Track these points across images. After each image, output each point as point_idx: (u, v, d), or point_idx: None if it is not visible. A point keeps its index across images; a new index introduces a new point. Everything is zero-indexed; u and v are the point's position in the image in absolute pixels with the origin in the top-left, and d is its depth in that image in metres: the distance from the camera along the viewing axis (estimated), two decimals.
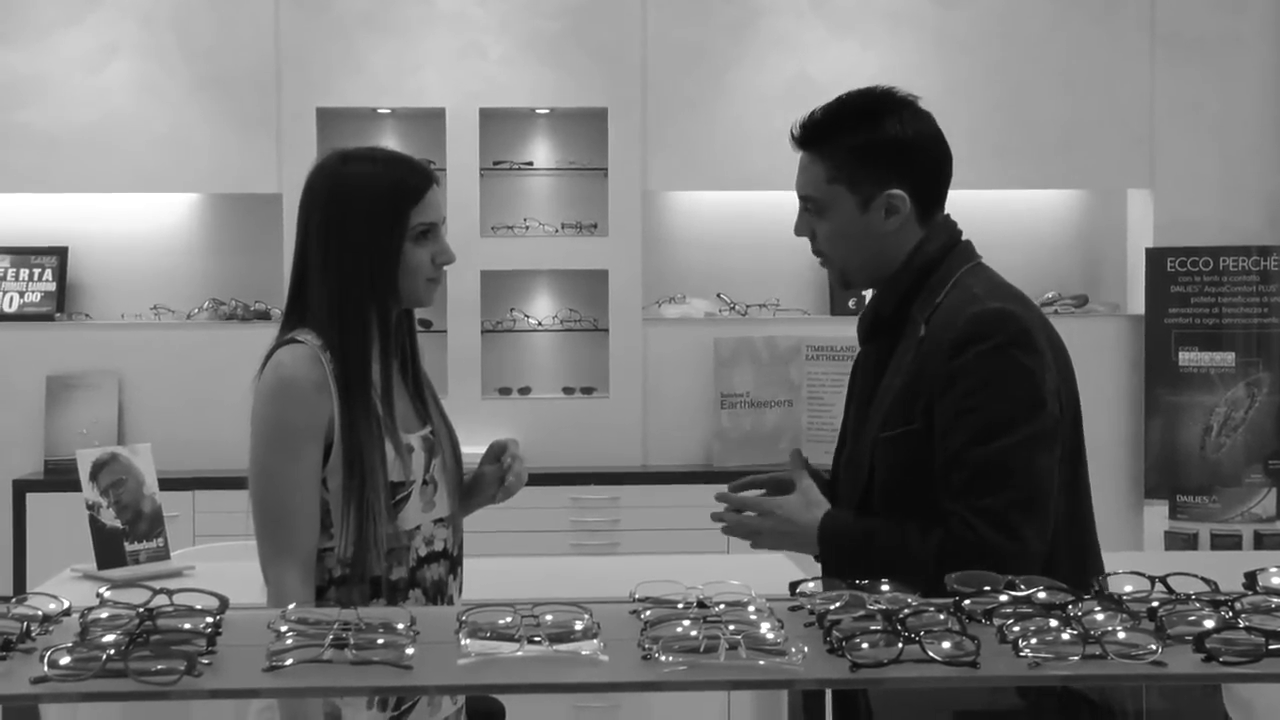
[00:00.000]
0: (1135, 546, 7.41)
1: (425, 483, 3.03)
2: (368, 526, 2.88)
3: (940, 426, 2.64)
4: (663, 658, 1.87)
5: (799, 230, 2.92)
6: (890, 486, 2.73)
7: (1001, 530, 2.56)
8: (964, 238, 2.88)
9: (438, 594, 3.03)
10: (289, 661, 1.84)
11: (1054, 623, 1.94)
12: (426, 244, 2.99)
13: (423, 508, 3.01)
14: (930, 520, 2.65)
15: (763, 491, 3.01)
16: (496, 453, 3.22)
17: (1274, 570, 2.18)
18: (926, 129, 2.84)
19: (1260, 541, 7.30)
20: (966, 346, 2.64)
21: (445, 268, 3.07)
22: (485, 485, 3.21)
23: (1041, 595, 2.09)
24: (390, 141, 7.51)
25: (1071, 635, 1.90)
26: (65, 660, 1.79)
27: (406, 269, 2.97)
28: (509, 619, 1.94)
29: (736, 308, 7.75)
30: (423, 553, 3.01)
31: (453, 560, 3.10)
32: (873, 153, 2.80)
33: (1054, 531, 2.67)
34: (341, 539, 2.90)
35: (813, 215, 2.87)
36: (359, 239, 2.94)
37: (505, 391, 7.70)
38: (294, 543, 2.90)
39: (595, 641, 1.91)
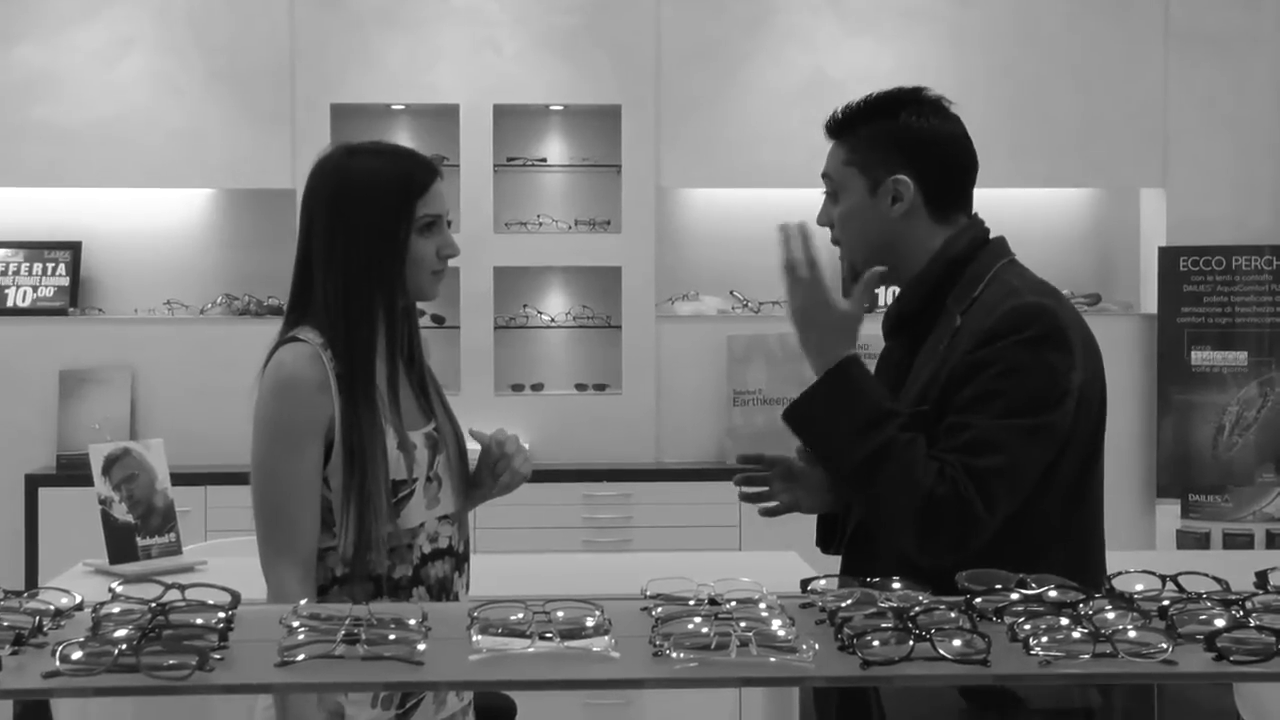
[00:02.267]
0: (1147, 545, 7.40)
1: (429, 480, 3.01)
2: (369, 525, 2.87)
3: (958, 405, 2.65)
4: (674, 654, 1.87)
5: (821, 219, 2.95)
6: None
7: (982, 493, 2.59)
8: (994, 235, 2.90)
9: (442, 592, 3.02)
10: (301, 657, 1.84)
11: (1065, 621, 1.93)
12: (432, 236, 2.99)
13: (426, 505, 3.00)
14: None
15: None
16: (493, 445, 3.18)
17: None
18: (944, 126, 2.87)
19: (1272, 541, 7.30)
20: (1001, 337, 2.66)
21: (454, 262, 3.06)
22: (483, 479, 3.18)
23: (1052, 594, 2.09)
24: (404, 137, 7.51)
25: (1082, 634, 1.90)
26: (77, 655, 1.79)
27: (412, 261, 2.96)
28: (520, 615, 1.94)
29: (750, 305, 7.74)
30: (426, 550, 3.00)
31: (458, 557, 3.09)
32: (884, 137, 2.84)
33: (1048, 522, 2.70)
34: (343, 538, 2.89)
35: (831, 201, 2.92)
36: (366, 232, 2.93)
37: (518, 388, 7.71)
38: (295, 543, 2.89)
39: (606, 638, 1.91)
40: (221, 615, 1.96)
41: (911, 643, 1.87)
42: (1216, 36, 7.82)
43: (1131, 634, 1.91)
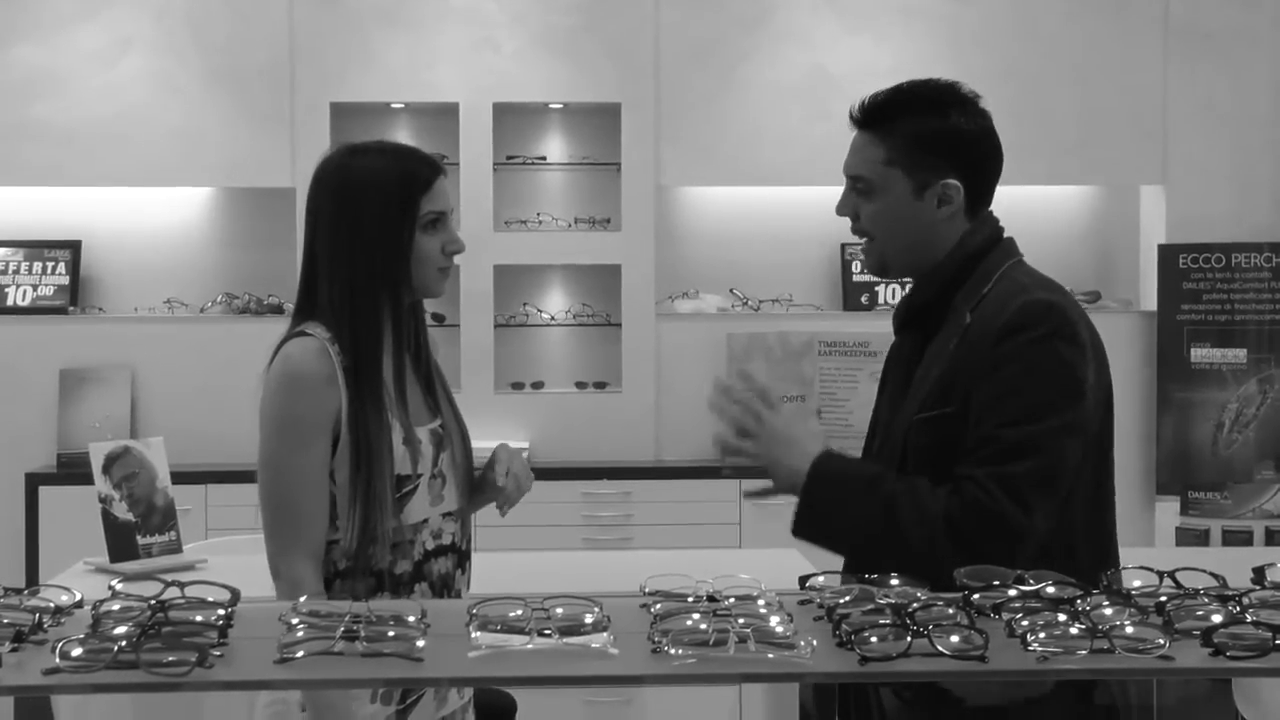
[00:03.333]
0: (1147, 542, 7.40)
1: (434, 476, 3.02)
2: (374, 519, 2.88)
3: (977, 408, 2.64)
4: (672, 651, 1.87)
5: (841, 209, 2.90)
6: (922, 468, 2.72)
7: (1014, 498, 2.56)
8: (1006, 235, 2.90)
9: (444, 588, 3.02)
10: (300, 654, 1.85)
11: (1062, 617, 1.93)
12: (436, 233, 3.00)
13: (430, 501, 3.01)
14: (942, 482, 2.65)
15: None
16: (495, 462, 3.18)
17: None
18: (986, 125, 2.88)
19: (1272, 538, 7.30)
20: (1013, 334, 2.65)
21: (456, 260, 3.07)
22: (488, 488, 3.19)
23: (1050, 590, 2.09)
24: (403, 136, 7.52)
25: (1079, 629, 1.90)
26: (77, 652, 1.79)
27: (417, 258, 2.97)
28: (519, 612, 1.94)
29: (749, 303, 7.74)
30: (430, 546, 3.00)
31: (461, 554, 3.09)
32: (935, 141, 2.81)
33: (1075, 522, 2.69)
34: (347, 532, 2.90)
35: (860, 196, 2.87)
36: (370, 230, 2.94)
37: (518, 386, 7.71)
38: (303, 536, 2.90)
39: (605, 635, 1.92)
40: (221, 612, 1.96)
41: (909, 639, 1.88)
42: (1216, 34, 7.82)
43: (1129, 630, 1.91)
